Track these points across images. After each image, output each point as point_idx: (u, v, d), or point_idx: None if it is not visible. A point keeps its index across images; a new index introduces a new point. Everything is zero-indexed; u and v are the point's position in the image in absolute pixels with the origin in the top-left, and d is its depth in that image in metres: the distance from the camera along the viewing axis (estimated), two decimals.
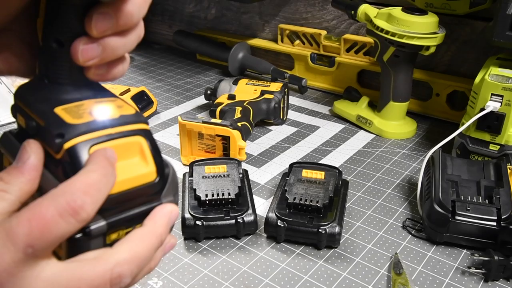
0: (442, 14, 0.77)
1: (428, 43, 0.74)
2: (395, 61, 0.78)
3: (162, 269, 0.53)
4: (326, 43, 1.00)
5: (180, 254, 0.55)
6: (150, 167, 0.38)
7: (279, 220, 0.56)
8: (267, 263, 0.54)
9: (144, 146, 0.38)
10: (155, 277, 0.52)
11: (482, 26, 0.82)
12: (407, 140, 0.82)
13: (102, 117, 0.36)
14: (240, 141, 0.71)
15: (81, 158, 0.33)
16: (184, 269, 0.53)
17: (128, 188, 0.36)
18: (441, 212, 0.55)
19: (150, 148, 0.38)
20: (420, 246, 0.57)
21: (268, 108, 0.84)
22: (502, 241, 0.53)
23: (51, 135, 0.34)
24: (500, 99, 0.65)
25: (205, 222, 0.56)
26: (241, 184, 0.61)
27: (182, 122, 0.72)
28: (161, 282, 0.51)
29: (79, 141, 0.34)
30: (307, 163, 0.65)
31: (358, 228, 0.60)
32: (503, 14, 0.63)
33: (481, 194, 0.57)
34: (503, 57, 0.70)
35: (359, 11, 0.80)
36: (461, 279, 0.52)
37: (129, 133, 0.37)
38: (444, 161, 0.62)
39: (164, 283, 0.51)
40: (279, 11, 1.07)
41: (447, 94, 0.87)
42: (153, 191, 0.38)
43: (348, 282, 0.51)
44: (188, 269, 0.53)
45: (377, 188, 0.68)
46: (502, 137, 0.67)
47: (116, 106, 0.37)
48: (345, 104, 0.89)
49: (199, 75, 1.12)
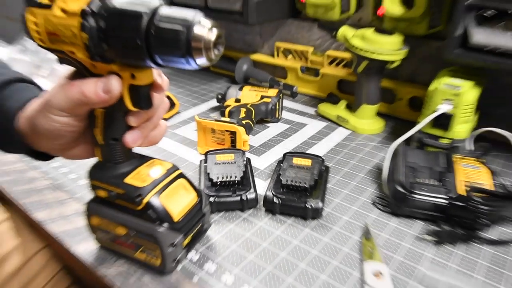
0: (405, 35, 0.77)
1: (394, 58, 0.74)
2: (367, 72, 0.78)
3: None
4: (312, 58, 1.00)
5: None
6: (193, 195, 0.48)
7: (275, 198, 0.57)
8: (265, 231, 0.55)
9: (185, 183, 0.47)
10: None
11: (436, 45, 0.82)
12: (377, 135, 0.82)
13: (156, 175, 0.44)
14: (244, 135, 0.71)
15: (155, 204, 0.42)
16: None
17: (187, 211, 0.46)
18: (402, 191, 0.55)
19: (188, 182, 0.47)
20: (385, 218, 0.57)
21: (266, 109, 0.85)
22: (450, 215, 0.54)
23: (131, 197, 0.42)
24: (450, 103, 0.65)
25: (217, 199, 0.57)
26: (245, 169, 0.61)
27: (198, 120, 0.72)
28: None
29: (151, 196, 0.42)
30: (297, 153, 0.65)
31: (337, 204, 0.60)
32: (453, 36, 0.63)
33: (434, 177, 0.58)
34: (452, 69, 0.71)
35: (339, 33, 0.80)
36: (417, 244, 0.52)
37: (175, 179, 0.46)
38: (405, 152, 0.63)
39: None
40: (275, 32, 1.07)
41: (408, 99, 0.87)
42: (198, 208, 0.48)
43: (329, 246, 0.52)
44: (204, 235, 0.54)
45: (352, 172, 0.69)
46: (450, 133, 0.67)
47: (159, 165, 0.46)
48: (327, 106, 0.90)
49: (212, 83, 1.12)
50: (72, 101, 0.37)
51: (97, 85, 0.36)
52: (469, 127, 0.68)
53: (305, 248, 0.52)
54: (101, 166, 0.44)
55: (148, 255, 0.46)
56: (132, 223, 0.44)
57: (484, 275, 0.48)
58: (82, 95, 0.36)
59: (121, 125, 0.41)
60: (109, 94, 0.36)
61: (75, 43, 0.35)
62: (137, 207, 0.42)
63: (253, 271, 0.48)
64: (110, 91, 0.36)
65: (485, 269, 0.49)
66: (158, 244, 0.43)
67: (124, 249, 0.48)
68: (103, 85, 0.36)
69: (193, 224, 0.47)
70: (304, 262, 0.49)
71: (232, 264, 0.49)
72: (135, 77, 0.37)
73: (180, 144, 0.79)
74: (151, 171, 0.44)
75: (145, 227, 0.43)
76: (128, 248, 0.47)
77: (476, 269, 0.49)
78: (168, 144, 0.79)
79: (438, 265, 0.49)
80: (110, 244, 0.49)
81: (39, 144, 0.43)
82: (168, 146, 0.78)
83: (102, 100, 0.36)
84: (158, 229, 0.43)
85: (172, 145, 0.78)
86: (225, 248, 0.52)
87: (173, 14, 0.31)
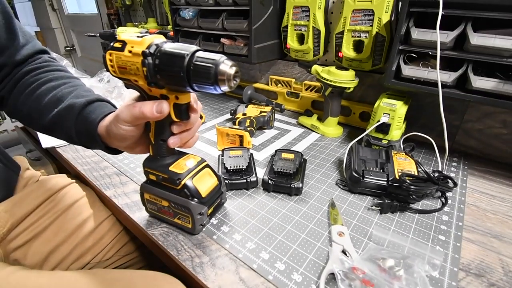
0: (357, 70, 0.75)
1: (349, 85, 0.72)
2: (332, 95, 0.76)
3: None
4: (294, 86, 0.98)
5: None
6: (215, 179, 0.46)
7: (269, 180, 0.55)
8: (263, 203, 0.53)
9: (210, 171, 0.45)
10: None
11: (378, 77, 0.80)
12: (338, 137, 0.80)
13: (190, 166, 0.42)
14: (249, 138, 0.69)
15: (189, 185, 0.41)
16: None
17: (211, 190, 0.44)
18: (356, 176, 0.54)
19: (212, 170, 0.46)
20: (345, 194, 0.55)
21: (264, 120, 0.83)
22: (389, 192, 0.52)
23: (173, 180, 0.41)
24: (388, 115, 0.63)
25: (230, 181, 0.55)
26: (249, 161, 0.59)
27: (218, 128, 0.71)
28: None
29: (187, 179, 0.41)
30: (285, 150, 0.63)
31: (312, 185, 0.58)
32: (389, 70, 0.61)
33: (378, 166, 0.56)
34: (389, 93, 0.69)
35: (312, 69, 0.78)
36: (367, 213, 0.50)
37: (203, 168, 0.44)
38: (358, 149, 0.61)
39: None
40: (269, 69, 1.06)
41: (359, 113, 0.85)
42: (218, 188, 0.46)
43: (306, 213, 0.50)
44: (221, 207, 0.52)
45: (322, 163, 0.66)
46: (389, 136, 0.65)
47: (193, 158, 0.44)
48: (305, 118, 0.88)
49: (227, 102, 1.10)
50: (134, 116, 0.36)
51: (153, 107, 0.35)
52: (401, 132, 0.66)
53: (290, 215, 0.50)
54: (152, 159, 0.43)
55: (183, 221, 0.44)
56: (173, 197, 0.42)
57: (414, 234, 0.46)
58: (142, 113, 0.36)
59: (167, 131, 0.40)
60: (161, 113, 0.36)
61: (138, 74, 0.34)
62: (177, 187, 0.41)
63: (254, 231, 0.46)
64: (161, 112, 0.36)
65: (414, 230, 0.46)
66: (190, 213, 0.42)
67: (166, 217, 0.46)
68: (156, 107, 0.35)
69: (214, 199, 0.46)
70: (289, 225, 0.47)
71: (240, 227, 0.47)
72: (178, 98, 0.37)
73: (205, 144, 0.77)
74: (187, 162, 0.43)
75: (182, 200, 0.42)
76: (168, 216, 0.45)
77: (408, 230, 0.47)
78: (198, 143, 0.76)
79: (382, 227, 0.47)
80: (156, 213, 0.47)
81: (112, 144, 0.42)
82: (197, 145, 0.75)
83: (156, 117, 0.36)
84: (191, 202, 0.41)
85: (200, 144, 0.76)
86: (235, 215, 0.50)
87: (206, 56, 0.32)
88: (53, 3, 2.41)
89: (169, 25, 1.31)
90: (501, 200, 0.54)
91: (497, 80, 0.52)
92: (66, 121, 0.42)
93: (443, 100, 0.55)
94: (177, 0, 0.99)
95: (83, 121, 0.42)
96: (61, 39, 2.54)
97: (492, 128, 0.67)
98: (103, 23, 1.85)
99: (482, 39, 0.51)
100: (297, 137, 0.80)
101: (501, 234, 0.46)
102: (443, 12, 0.52)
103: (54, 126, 0.43)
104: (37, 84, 0.45)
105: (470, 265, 0.41)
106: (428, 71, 0.58)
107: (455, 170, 0.64)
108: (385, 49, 0.72)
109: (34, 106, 0.44)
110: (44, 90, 0.44)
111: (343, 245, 0.42)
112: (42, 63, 0.48)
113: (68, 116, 0.42)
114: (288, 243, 0.44)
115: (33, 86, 0.45)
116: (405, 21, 0.57)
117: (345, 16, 0.74)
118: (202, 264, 0.41)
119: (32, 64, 0.47)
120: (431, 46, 0.55)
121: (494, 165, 0.66)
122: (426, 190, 0.50)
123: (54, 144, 0.73)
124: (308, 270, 0.39)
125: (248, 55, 0.87)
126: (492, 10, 0.49)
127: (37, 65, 0.48)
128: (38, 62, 0.48)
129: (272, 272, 0.39)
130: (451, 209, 0.51)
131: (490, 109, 0.66)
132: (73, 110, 0.42)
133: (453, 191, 0.56)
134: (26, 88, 0.45)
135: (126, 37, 0.35)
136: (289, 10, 0.83)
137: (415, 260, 0.38)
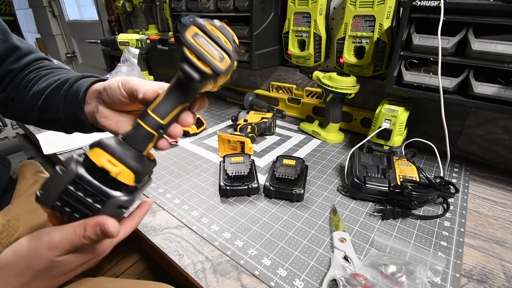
0: (358, 76, 0.76)
1: (350, 91, 0.73)
2: (333, 101, 0.77)
3: (208, 212, 0.52)
4: (295, 92, 0.99)
5: (218, 204, 0.55)
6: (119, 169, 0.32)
7: (271, 186, 0.55)
8: (264, 209, 0.54)
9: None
10: (204, 217, 0.51)
11: (379, 83, 0.81)
12: (339, 143, 0.81)
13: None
14: (250, 144, 0.70)
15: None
16: (220, 212, 0.53)
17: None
18: (358, 182, 0.54)
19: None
20: (347, 200, 0.56)
21: (265, 126, 0.84)
22: (391, 198, 0.52)
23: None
24: (389, 121, 0.64)
25: (231, 187, 0.56)
26: (251, 167, 0.60)
27: (219, 134, 0.71)
28: (207, 220, 0.51)
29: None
30: (286, 156, 0.64)
31: (314, 191, 0.59)
32: (390, 76, 0.63)
33: (379, 172, 0.56)
34: (391, 99, 0.70)
35: (313, 75, 0.80)
36: (369, 219, 0.51)
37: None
38: (359, 155, 0.62)
39: (209, 220, 0.51)
40: (271, 75, 1.07)
41: (360, 119, 0.86)
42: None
43: (308, 220, 0.51)
44: (222, 212, 0.53)
45: (323, 169, 0.67)
46: (390, 142, 0.66)
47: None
48: (306, 124, 0.89)
49: (228, 109, 1.11)
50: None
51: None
52: (402, 138, 0.67)
53: (291, 222, 0.50)
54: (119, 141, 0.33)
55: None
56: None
57: (416, 240, 0.46)
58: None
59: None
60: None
61: None
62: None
63: (256, 238, 0.47)
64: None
65: (416, 236, 0.47)
66: None
67: None
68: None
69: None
70: (291, 231, 0.48)
71: (242, 233, 0.48)
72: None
73: (207, 150, 0.77)
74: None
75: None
76: None
77: (409, 236, 0.47)
78: (199, 150, 0.78)
79: (384, 233, 0.48)
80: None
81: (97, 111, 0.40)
82: (199, 152, 0.77)
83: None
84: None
85: (201, 151, 0.77)
86: (236, 221, 0.50)
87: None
88: (54, 10, 2.45)
89: (170, 31, 1.33)
90: (503, 206, 0.55)
91: (498, 86, 0.53)
92: (57, 93, 0.43)
93: (445, 106, 0.56)
94: (178, 7, 1.01)
95: (74, 91, 0.42)
96: (62, 46, 2.57)
97: (493, 134, 0.68)
98: (104, 29, 1.88)
99: (483, 44, 0.52)
100: (299, 143, 0.81)
101: (503, 240, 0.47)
102: (445, 18, 0.53)
103: (47, 102, 0.44)
104: (38, 77, 0.47)
105: (472, 271, 0.42)
106: (429, 77, 0.59)
107: (457, 176, 0.64)
108: (386, 55, 0.73)
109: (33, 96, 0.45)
110: (44, 79, 0.46)
111: (345, 251, 0.43)
112: (45, 64, 0.51)
113: (61, 88, 0.43)
114: (290, 250, 0.44)
115: (34, 80, 0.47)
116: (406, 27, 0.59)
117: (346, 22, 0.75)
118: (204, 270, 0.41)
119: (35, 65, 0.50)
120: (433, 52, 0.56)
121: (495, 171, 0.67)
122: (427, 196, 0.51)
123: (56, 150, 0.74)
124: (310, 277, 0.40)
125: (249, 61, 0.88)
126: (494, 16, 0.50)
127: (39, 65, 0.50)
128: (40, 63, 0.51)
129: (274, 279, 0.40)
130: (453, 215, 0.52)
131: (491, 115, 0.67)
132: (67, 83, 0.43)
133: (454, 197, 0.57)
134: (28, 83, 0.47)
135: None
136: (290, 16, 0.85)
137: (417, 266, 0.39)
